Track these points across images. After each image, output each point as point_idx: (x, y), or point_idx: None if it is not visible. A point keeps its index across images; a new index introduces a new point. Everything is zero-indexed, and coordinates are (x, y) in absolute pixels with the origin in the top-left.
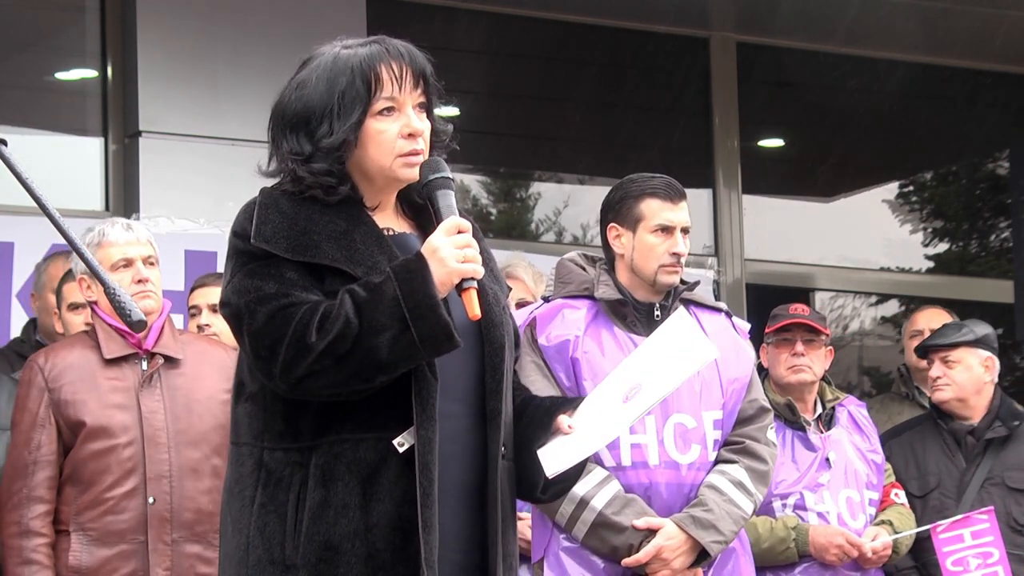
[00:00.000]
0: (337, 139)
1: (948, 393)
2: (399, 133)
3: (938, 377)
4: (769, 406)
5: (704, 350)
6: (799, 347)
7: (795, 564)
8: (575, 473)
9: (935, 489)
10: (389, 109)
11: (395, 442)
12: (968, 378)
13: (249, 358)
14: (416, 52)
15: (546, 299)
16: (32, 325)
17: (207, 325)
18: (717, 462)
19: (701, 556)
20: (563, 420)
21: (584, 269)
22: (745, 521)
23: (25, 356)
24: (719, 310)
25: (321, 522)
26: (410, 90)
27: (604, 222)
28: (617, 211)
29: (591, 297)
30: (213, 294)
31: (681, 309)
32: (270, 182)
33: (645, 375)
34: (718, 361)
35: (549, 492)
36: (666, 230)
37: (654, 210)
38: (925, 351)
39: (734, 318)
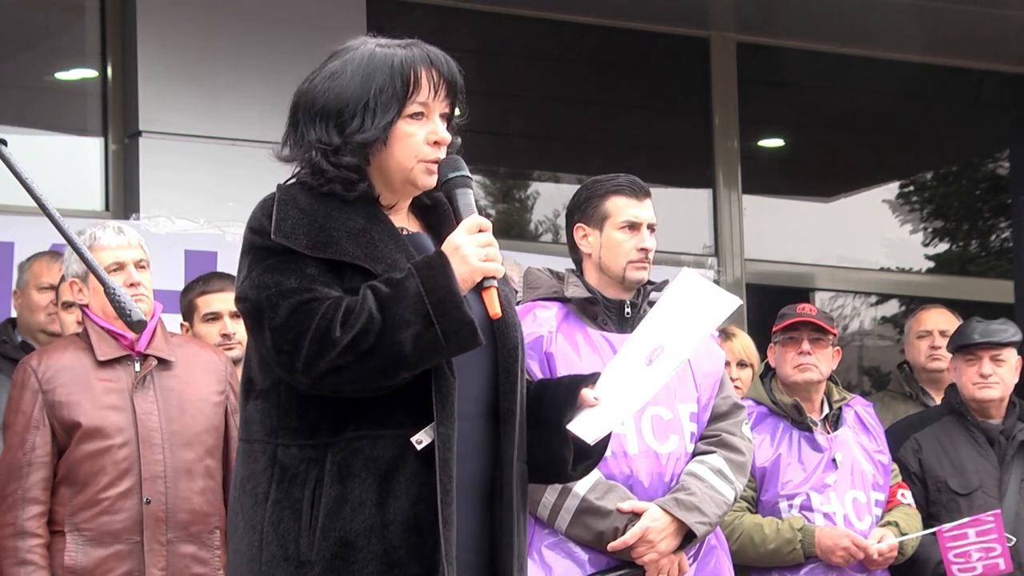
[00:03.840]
0: (370, 136)
1: (998, 391)
2: (425, 139)
3: (989, 375)
4: (742, 403)
5: (725, 299)
6: (805, 346)
7: (801, 565)
8: (602, 447)
9: (978, 489)
10: (419, 114)
11: (413, 439)
12: (1012, 378)
13: (270, 353)
14: (453, 64)
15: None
16: (10, 324)
17: (232, 333)
18: (695, 454)
19: (686, 540)
20: (588, 393)
21: (551, 276)
22: (727, 507)
23: (7, 356)
24: None
25: (337, 518)
26: (441, 99)
27: (570, 223)
28: (583, 211)
29: (560, 300)
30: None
31: (687, 269)
32: (278, 172)
33: (665, 336)
34: (690, 357)
35: (579, 468)
36: (633, 226)
37: (620, 207)
38: (967, 348)
39: None
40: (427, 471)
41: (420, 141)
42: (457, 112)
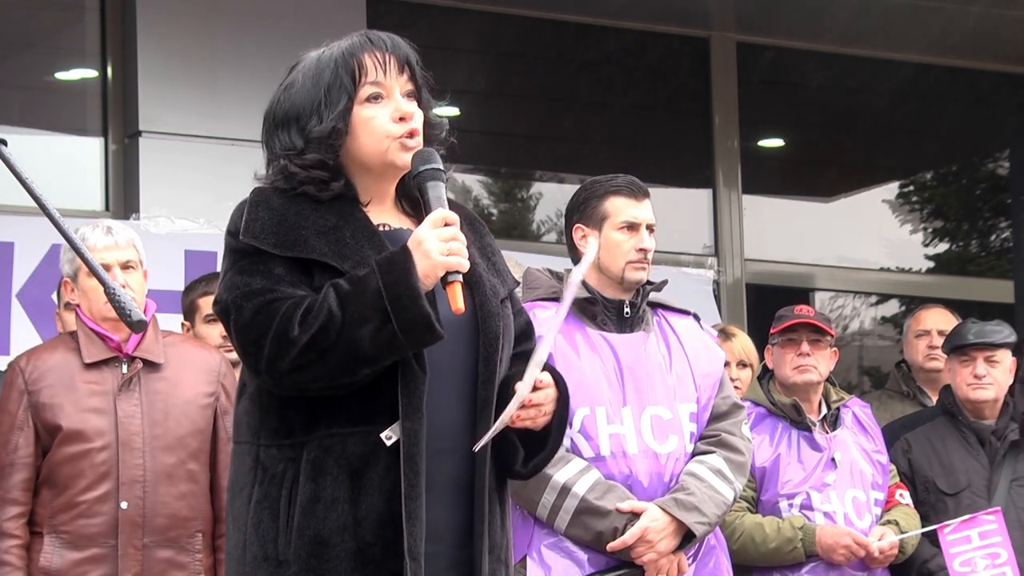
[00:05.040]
0: (327, 127)
1: (992, 392)
2: (390, 118)
3: (983, 376)
4: (742, 403)
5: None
6: (805, 347)
7: (802, 564)
8: (555, 442)
9: (966, 488)
10: (377, 96)
11: (383, 435)
12: (1006, 379)
13: (238, 354)
14: (399, 40)
15: None
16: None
17: None
18: (694, 454)
19: (685, 540)
20: (519, 386)
21: (551, 276)
22: (727, 507)
23: None
24: (687, 312)
25: (311, 517)
26: (395, 76)
27: (569, 224)
28: (582, 212)
29: (559, 300)
30: None
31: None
32: None
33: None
34: (689, 357)
35: (530, 466)
36: (632, 227)
37: (619, 208)
38: (962, 349)
39: (702, 322)
40: (399, 467)
41: (384, 121)
42: (431, 93)
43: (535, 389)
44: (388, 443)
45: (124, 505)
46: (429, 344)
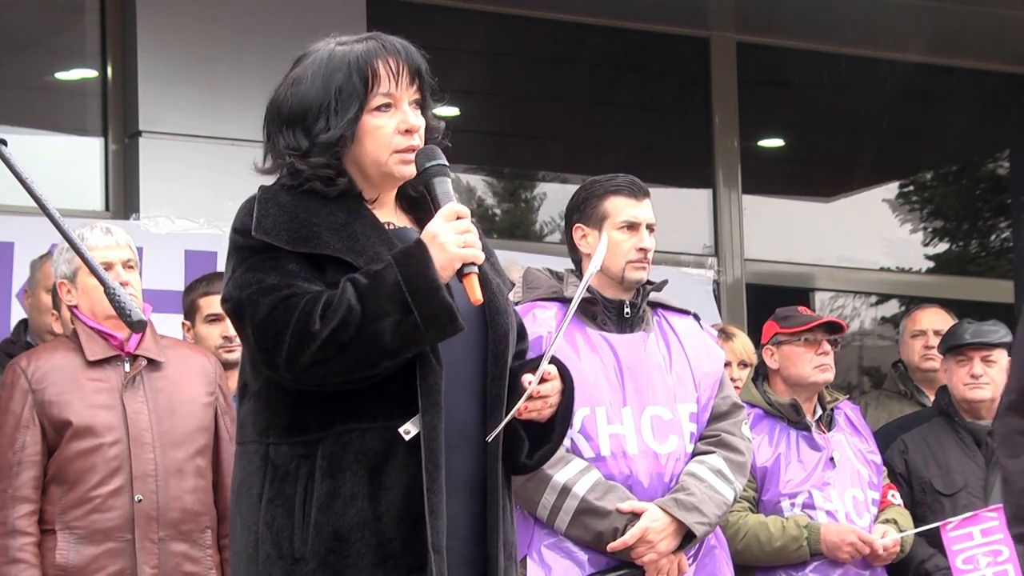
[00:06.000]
0: (334, 135)
1: (989, 392)
2: (395, 129)
3: (980, 375)
4: (741, 403)
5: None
6: (826, 347)
7: (806, 563)
8: (560, 433)
9: (963, 489)
10: (386, 105)
11: (401, 430)
12: (1002, 379)
13: (253, 350)
14: (412, 49)
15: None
16: (23, 325)
17: (234, 336)
18: (695, 454)
19: (685, 540)
20: (526, 379)
21: (551, 276)
22: (727, 507)
23: (13, 356)
24: (687, 312)
25: (330, 513)
26: (406, 86)
27: (569, 224)
28: (582, 211)
29: (560, 299)
30: None
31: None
32: (268, 180)
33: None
34: (689, 357)
35: (535, 457)
36: (632, 227)
37: (619, 207)
38: (958, 349)
39: (702, 322)
40: (418, 462)
41: (390, 132)
42: (433, 97)
43: (541, 381)
44: (407, 437)
45: (138, 499)
46: (450, 335)
